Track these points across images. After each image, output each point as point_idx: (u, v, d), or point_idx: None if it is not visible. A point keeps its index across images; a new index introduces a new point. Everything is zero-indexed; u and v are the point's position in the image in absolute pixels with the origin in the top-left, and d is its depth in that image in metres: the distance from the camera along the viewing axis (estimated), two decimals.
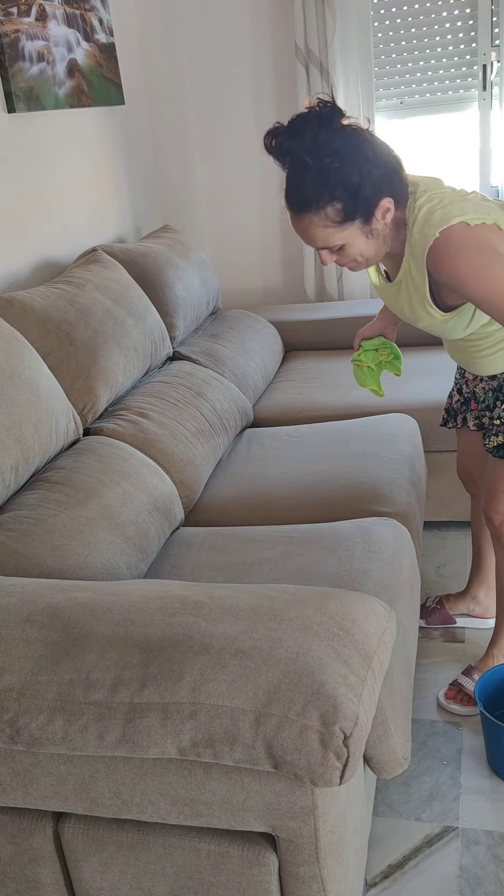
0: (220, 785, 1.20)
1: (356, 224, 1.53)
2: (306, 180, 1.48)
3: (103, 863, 1.32)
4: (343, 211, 1.50)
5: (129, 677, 1.18)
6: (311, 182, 1.48)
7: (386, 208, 1.54)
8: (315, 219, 1.51)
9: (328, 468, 2.20)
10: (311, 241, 1.56)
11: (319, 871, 1.24)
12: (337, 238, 1.54)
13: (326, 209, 1.50)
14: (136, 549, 1.80)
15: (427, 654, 2.23)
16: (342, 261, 1.61)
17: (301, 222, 1.54)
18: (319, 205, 1.49)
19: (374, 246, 1.59)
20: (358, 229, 1.54)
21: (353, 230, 1.53)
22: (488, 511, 1.95)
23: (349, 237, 1.54)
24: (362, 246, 1.57)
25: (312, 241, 1.56)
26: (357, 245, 1.56)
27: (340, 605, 1.29)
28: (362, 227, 1.54)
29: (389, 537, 1.82)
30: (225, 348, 2.89)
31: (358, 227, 1.53)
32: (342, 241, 1.54)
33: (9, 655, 1.24)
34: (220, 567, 1.80)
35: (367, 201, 1.51)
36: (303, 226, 1.54)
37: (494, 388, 1.89)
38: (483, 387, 1.94)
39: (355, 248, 1.57)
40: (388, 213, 1.55)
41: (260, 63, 3.48)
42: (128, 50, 3.24)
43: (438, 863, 1.64)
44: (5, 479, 1.71)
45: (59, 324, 2.12)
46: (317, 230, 1.53)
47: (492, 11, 3.20)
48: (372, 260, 1.63)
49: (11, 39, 2.38)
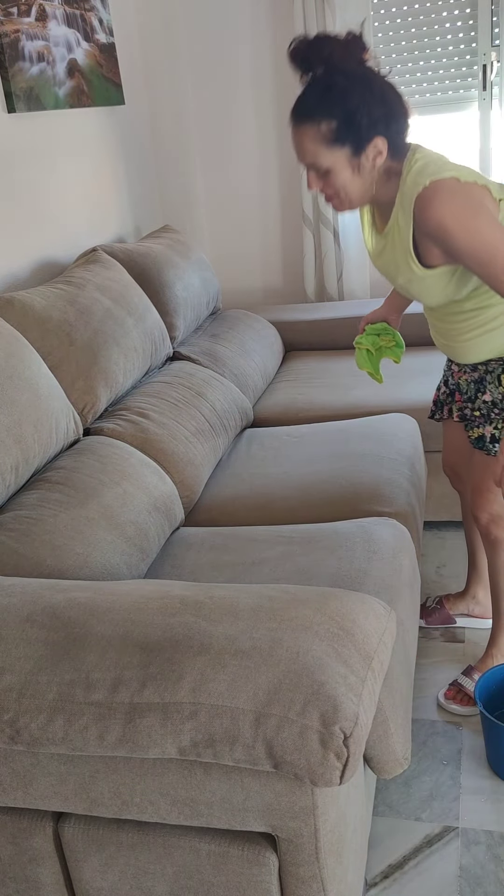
0: (220, 785, 1.20)
1: (345, 151, 1.56)
2: (312, 92, 1.54)
3: (103, 863, 1.32)
4: (336, 131, 1.53)
5: (129, 677, 1.18)
6: (315, 94, 1.53)
7: (378, 150, 1.57)
8: (310, 131, 1.55)
9: (328, 468, 2.20)
10: (302, 154, 1.59)
11: (319, 871, 1.24)
12: (324, 158, 1.56)
13: (321, 125, 1.54)
14: (136, 549, 1.80)
15: (427, 654, 2.23)
16: (326, 190, 1.63)
17: (297, 133, 1.58)
18: (316, 118, 1.53)
19: (360, 185, 1.61)
20: (346, 158, 1.57)
21: (340, 156, 1.56)
22: (475, 509, 1.95)
23: (336, 162, 1.57)
24: (347, 178, 1.59)
25: (303, 154, 1.59)
26: (342, 175, 1.59)
27: (340, 605, 1.29)
28: (350, 158, 1.57)
29: (389, 537, 1.82)
30: (225, 348, 2.89)
31: (346, 154, 1.56)
32: (329, 164, 1.57)
33: (9, 655, 1.24)
34: (220, 567, 1.80)
35: (361, 132, 1.54)
36: (298, 137, 1.58)
37: (476, 380, 1.90)
38: (466, 378, 1.94)
39: (340, 177, 1.59)
40: (379, 155, 1.57)
41: (260, 63, 3.48)
42: (128, 50, 3.24)
43: (438, 863, 1.64)
44: (5, 479, 1.71)
45: (59, 324, 2.12)
46: (308, 143, 1.56)
47: (492, 11, 3.20)
48: (355, 201, 1.64)
49: (11, 39, 2.38)
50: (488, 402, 1.87)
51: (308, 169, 1.61)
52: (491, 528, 1.94)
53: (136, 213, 3.31)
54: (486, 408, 1.88)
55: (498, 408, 1.85)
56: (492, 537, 1.95)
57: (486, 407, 1.88)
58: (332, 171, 1.58)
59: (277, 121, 3.54)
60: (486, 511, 1.93)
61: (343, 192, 1.62)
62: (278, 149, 3.58)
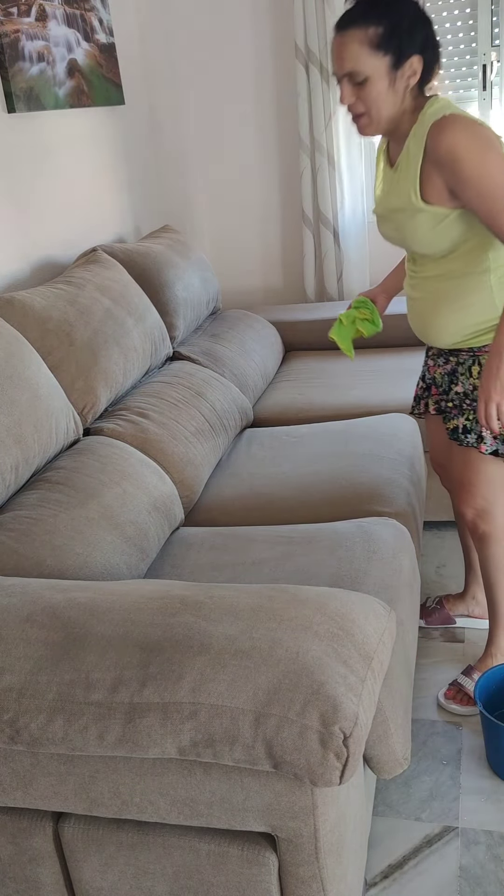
0: (220, 785, 1.20)
1: (386, 60, 1.62)
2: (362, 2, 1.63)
3: (103, 863, 1.32)
4: (381, 36, 1.60)
5: (129, 677, 1.18)
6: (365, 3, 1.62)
7: (413, 69, 1.64)
8: (357, 34, 1.61)
9: (328, 468, 2.20)
10: (343, 62, 1.63)
11: (319, 871, 1.24)
12: (366, 63, 1.61)
13: (369, 29, 1.60)
14: (136, 549, 1.80)
15: (427, 654, 2.23)
16: (357, 107, 1.67)
17: (342, 39, 1.63)
18: (364, 23, 1.60)
19: (391, 103, 1.66)
20: (385, 68, 1.62)
21: (381, 65, 1.62)
22: (460, 505, 1.94)
23: (376, 70, 1.62)
24: (382, 90, 1.64)
25: (344, 61, 1.63)
26: (379, 85, 1.63)
27: (340, 606, 1.29)
28: (389, 69, 1.63)
29: (389, 537, 1.82)
30: (225, 348, 2.89)
31: (387, 64, 1.62)
32: (369, 71, 1.62)
33: (9, 655, 1.24)
34: (220, 567, 1.80)
35: (403, 45, 1.61)
36: (343, 43, 1.62)
37: (448, 372, 1.92)
38: (440, 371, 1.96)
39: (377, 87, 1.63)
40: (413, 75, 1.64)
41: (260, 63, 3.48)
42: (128, 50, 3.24)
43: (438, 863, 1.64)
44: (5, 479, 1.71)
45: (59, 324, 2.12)
46: (353, 47, 1.61)
47: (492, 11, 3.20)
48: (382, 121, 1.69)
49: (11, 39, 2.38)
50: (460, 394, 1.88)
51: (345, 81, 1.65)
52: (478, 523, 1.92)
53: (136, 213, 3.31)
54: (458, 398, 1.89)
55: (469, 399, 1.86)
56: (479, 532, 1.93)
57: (458, 398, 1.89)
58: (369, 80, 1.63)
59: (278, 121, 3.54)
60: (470, 506, 1.92)
61: (375, 108, 1.66)
62: (278, 149, 3.58)
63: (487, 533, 1.93)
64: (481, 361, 1.83)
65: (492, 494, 1.89)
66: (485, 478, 1.88)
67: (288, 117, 3.51)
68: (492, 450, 1.84)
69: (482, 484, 1.89)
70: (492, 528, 1.92)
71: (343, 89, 1.66)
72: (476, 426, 1.84)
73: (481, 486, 1.89)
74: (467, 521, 1.94)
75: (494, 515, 1.91)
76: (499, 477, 1.88)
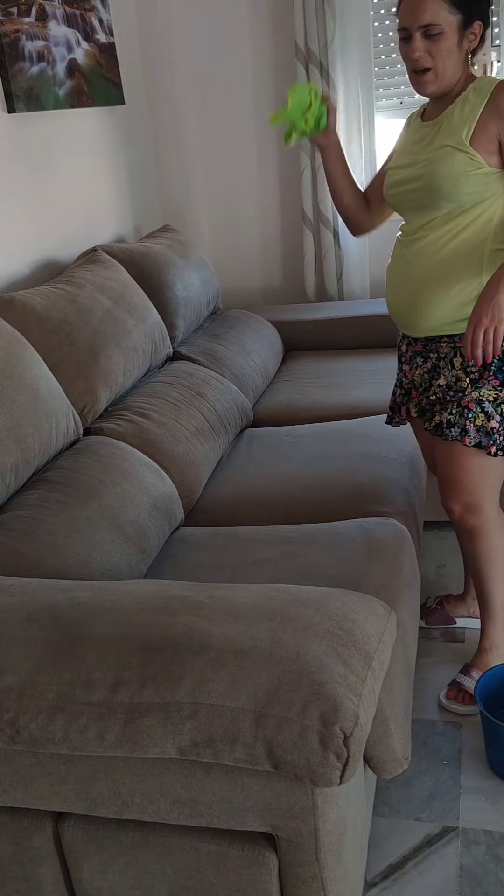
0: (220, 785, 1.20)
1: (458, 18, 1.71)
2: None
3: (103, 863, 1.32)
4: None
5: (129, 677, 1.18)
6: None
7: (475, 33, 1.75)
8: None
9: (328, 468, 2.20)
10: (422, 14, 1.71)
11: (319, 871, 1.24)
12: (444, 17, 1.70)
13: None
14: (136, 549, 1.80)
15: (427, 654, 2.23)
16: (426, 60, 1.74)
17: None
18: None
19: (455, 60, 1.75)
20: (457, 25, 1.72)
21: (454, 21, 1.71)
22: (447, 501, 1.93)
23: (451, 25, 1.71)
24: (452, 46, 1.73)
25: (423, 13, 1.71)
26: (450, 41, 1.72)
27: (340, 606, 1.29)
28: (460, 28, 1.72)
29: (389, 537, 1.82)
30: (225, 348, 2.89)
31: (459, 22, 1.72)
32: (445, 25, 1.71)
33: (9, 655, 1.24)
34: (220, 567, 1.80)
35: (472, 8, 1.72)
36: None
37: (429, 369, 1.92)
38: (419, 372, 1.96)
39: (448, 42, 1.72)
40: (475, 39, 1.75)
41: (260, 63, 3.47)
42: (128, 50, 3.24)
43: (438, 863, 1.64)
44: (5, 479, 1.71)
45: (60, 324, 2.12)
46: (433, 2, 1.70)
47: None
48: (446, 77, 1.76)
49: (11, 39, 2.38)
50: (443, 386, 1.88)
51: (418, 34, 1.72)
52: (466, 518, 1.91)
53: (136, 213, 3.31)
54: (441, 391, 1.88)
55: (452, 390, 1.85)
56: (468, 526, 1.92)
57: (441, 391, 1.88)
58: (443, 35, 1.71)
59: None
60: (457, 502, 1.90)
61: (442, 62, 1.74)
62: (278, 149, 3.58)
63: (477, 527, 1.91)
64: (462, 352, 1.83)
65: (478, 488, 1.88)
66: (470, 472, 1.87)
67: None
68: (475, 442, 1.83)
69: (468, 479, 1.88)
70: (481, 521, 1.90)
71: (415, 42, 1.73)
72: (460, 419, 1.83)
73: (467, 480, 1.88)
74: (455, 517, 1.92)
75: (483, 508, 1.90)
76: (483, 470, 1.87)
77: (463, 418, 1.83)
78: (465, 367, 1.83)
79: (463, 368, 1.83)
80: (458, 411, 1.84)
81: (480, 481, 1.88)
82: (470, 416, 1.82)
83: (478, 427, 1.82)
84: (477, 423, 1.82)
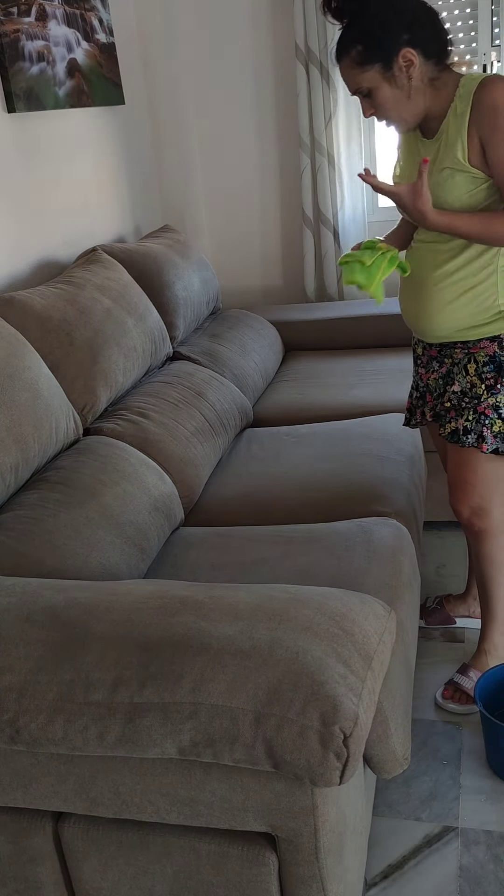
0: (219, 785, 1.20)
1: (376, 69, 1.67)
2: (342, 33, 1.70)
3: (103, 863, 1.32)
4: (362, 53, 1.66)
5: (129, 677, 1.18)
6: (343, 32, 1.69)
7: (408, 59, 1.66)
8: (346, 62, 1.69)
9: (328, 468, 2.20)
10: (347, 83, 1.73)
11: (319, 871, 1.24)
12: (363, 79, 1.68)
13: (351, 52, 1.67)
14: (136, 549, 1.80)
15: (427, 654, 2.23)
16: (378, 114, 1.74)
17: (340, 67, 1.72)
18: (346, 48, 1.68)
19: (404, 99, 1.70)
20: (379, 74, 1.67)
21: (375, 74, 1.67)
22: (455, 503, 1.94)
23: (372, 80, 1.68)
24: (388, 94, 1.69)
25: (350, 85, 1.72)
26: (383, 91, 1.69)
27: (340, 606, 1.29)
28: (383, 73, 1.67)
29: (389, 537, 1.82)
30: (225, 348, 2.89)
31: (378, 71, 1.67)
32: (368, 84, 1.69)
33: (9, 655, 1.24)
34: (220, 567, 1.80)
35: (383, 48, 1.65)
36: (341, 69, 1.72)
37: (443, 375, 1.92)
38: (434, 377, 1.96)
39: (381, 94, 1.69)
40: (411, 65, 1.66)
41: (260, 63, 3.47)
42: (128, 50, 3.24)
43: (438, 863, 1.64)
44: (5, 479, 1.71)
45: (59, 324, 2.12)
46: (347, 73, 1.71)
47: (492, 11, 3.20)
48: (409, 117, 1.73)
49: (11, 39, 2.38)
50: (458, 393, 1.88)
51: (359, 98, 1.73)
52: (473, 521, 1.93)
53: (136, 213, 3.31)
54: (455, 398, 1.88)
55: (468, 396, 1.85)
56: (475, 529, 1.94)
57: (455, 397, 1.88)
58: (373, 91, 1.69)
59: (277, 120, 3.54)
60: (465, 504, 1.92)
61: (392, 111, 1.72)
62: (278, 149, 3.58)
63: (483, 530, 1.93)
64: (476, 358, 1.83)
65: (488, 492, 1.90)
66: (482, 476, 1.89)
67: (288, 117, 3.51)
68: (492, 448, 1.84)
69: (479, 482, 1.89)
70: (488, 525, 1.92)
71: (362, 104, 1.74)
72: (476, 426, 1.84)
73: (478, 484, 1.89)
74: (463, 519, 1.94)
75: (490, 512, 1.91)
76: (494, 474, 1.89)
77: (479, 424, 1.83)
78: (480, 374, 1.83)
79: (478, 374, 1.84)
80: (474, 418, 1.84)
81: (490, 485, 1.89)
82: (486, 423, 1.83)
83: (495, 433, 1.83)
84: (494, 430, 1.83)
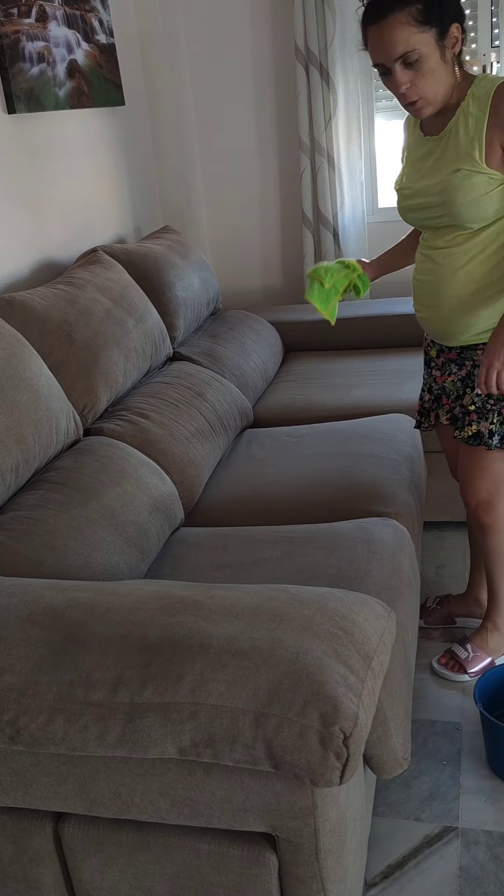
0: (220, 785, 1.20)
1: (432, 33, 1.61)
2: None
3: (103, 863, 1.32)
4: (423, 11, 1.59)
5: (129, 677, 1.18)
6: None
7: (456, 37, 1.64)
8: (399, 17, 1.60)
9: (328, 468, 2.20)
10: (393, 46, 1.62)
11: (319, 871, 1.24)
12: (417, 41, 1.61)
13: (410, 7, 1.59)
14: (136, 549, 1.80)
15: (427, 654, 2.23)
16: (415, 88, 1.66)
17: (384, 26, 1.61)
18: (402, 4, 1.59)
19: (445, 75, 1.66)
20: (433, 40, 1.62)
21: (429, 39, 1.62)
22: (465, 495, 1.98)
23: (427, 45, 1.62)
24: (436, 64, 1.64)
25: (394, 46, 1.61)
26: (432, 60, 1.63)
27: (340, 606, 1.29)
28: (437, 40, 1.62)
29: (389, 537, 1.82)
30: (225, 349, 2.89)
31: (434, 36, 1.62)
32: (421, 48, 1.61)
33: (9, 655, 1.24)
34: (220, 567, 1.80)
35: (443, 14, 1.61)
36: (386, 29, 1.61)
37: (462, 378, 1.93)
38: (451, 380, 1.97)
39: (430, 61, 1.63)
40: (457, 43, 1.65)
41: (260, 63, 3.48)
42: (128, 50, 3.24)
43: (438, 863, 1.64)
44: (6, 479, 1.71)
45: (60, 324, 2.12)
46: (399, 30, 1.60)
47: (492, 12, 3.20)
48: (438, 96, 1.68)
49: (12, 40, 2.38)
50: (482, 395, 1.88)
51: (397, 66, 1.64)
52: (479, 514, 1.97)
53: (136, 213, 3.31)
54: (479, 401, 1.88)
55: (493, 399, 1.86)
56: (480, 521, 1.98)
57: (480, 400, 1.88)
58: (423, 57, 1.62)
59: (277, 121, 3.54)
60: (473, 497, 1.96)
61: (431, 86, 1.65)
62: (278, 150, 3.58)
63: (488, 524, 1.98)
64: None
65: (495, 486, 1.94)
66: (489, 471, 1.92)
67: (288, 118, 3.51)
68: None
69: (487, 477, 1.93)
70: (492, 519, 1.97)
71: (397, 77, 1.65)
72: (500, 428, 1.86)
73: (485, 479, 1.93)
74: (470, 510, 1.99)
75: (495, 507, 1.96)
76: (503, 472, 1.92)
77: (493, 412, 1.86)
78: None
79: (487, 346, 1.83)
80: (499, 420, 1.85)
81: (498, 480, 1.93)
82: None
83: None
84: None
